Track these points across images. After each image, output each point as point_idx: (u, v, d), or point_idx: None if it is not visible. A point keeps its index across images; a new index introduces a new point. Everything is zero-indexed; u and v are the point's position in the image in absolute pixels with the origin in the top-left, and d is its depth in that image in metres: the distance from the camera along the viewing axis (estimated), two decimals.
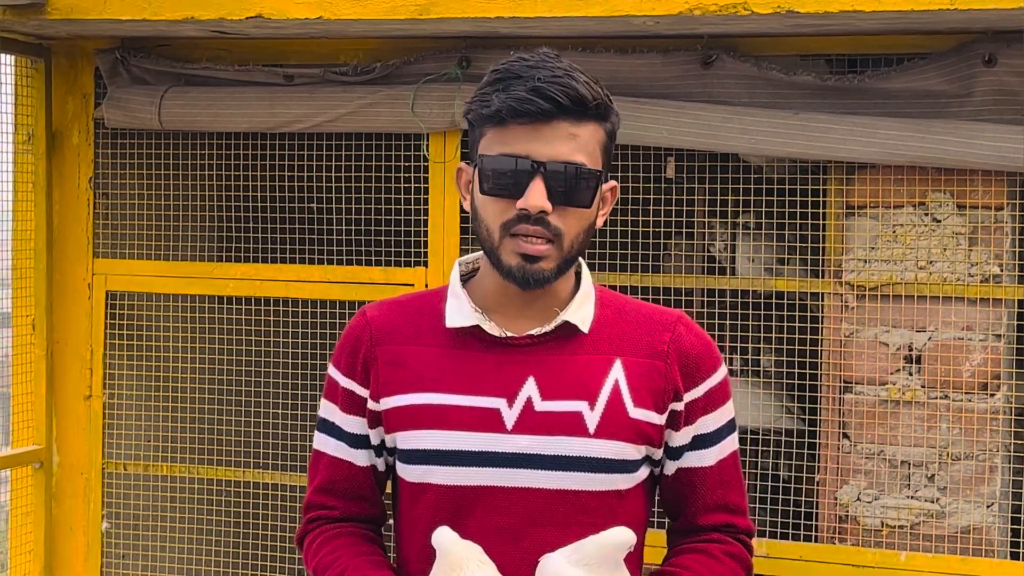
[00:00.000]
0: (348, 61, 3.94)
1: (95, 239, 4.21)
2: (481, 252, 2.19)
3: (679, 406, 2.17)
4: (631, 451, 2.12)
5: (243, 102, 3.98)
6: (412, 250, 3.98)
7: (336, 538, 2.21)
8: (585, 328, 2.15)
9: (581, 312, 2.15)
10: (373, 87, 3.88)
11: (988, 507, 3.50)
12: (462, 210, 3.82)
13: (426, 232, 3.87)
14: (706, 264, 4.26)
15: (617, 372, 2.13)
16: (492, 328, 2.13)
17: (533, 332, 2.13)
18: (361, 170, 4.07)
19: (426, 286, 3.83)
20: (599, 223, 2.15)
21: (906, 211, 3.57)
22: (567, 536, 2.08)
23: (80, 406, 4.23)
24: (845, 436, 3.61)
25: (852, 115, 3.53)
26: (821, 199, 3.64)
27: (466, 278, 2.22)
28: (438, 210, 3.82)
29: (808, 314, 3.73)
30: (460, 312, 2.15)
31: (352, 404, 2.21)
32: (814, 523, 3.65)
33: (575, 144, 2.04)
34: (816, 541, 3.63)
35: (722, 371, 2.21)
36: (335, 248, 4.10)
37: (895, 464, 3.57)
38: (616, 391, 2.11)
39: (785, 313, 3.69)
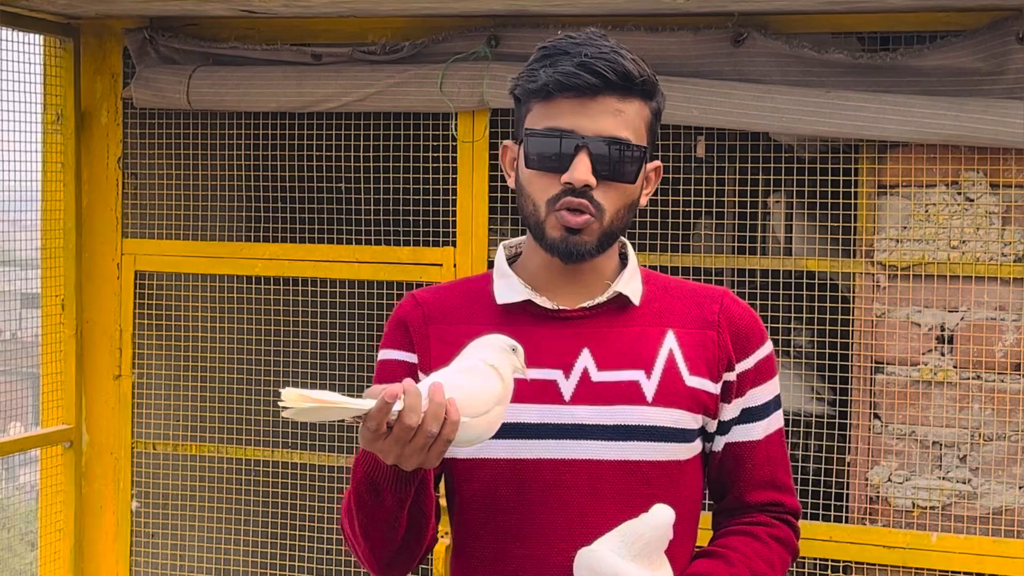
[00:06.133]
0: (376, 40, 3.93)
1: (124, 219, 4.22)
2: (523, 237, 2.19)
3: (731, 376, 2.17)
4: (688, 419, 2.11)
5: (271, 82, 3.97)
6: (440, 230, 3.97)
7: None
8: (636, 300, 2.15)
9: (631, 285, 2.16)
10: (401, 66, 3.87)
11: (1020, 488, 3.48)
12: (490, 190, 3.81)
13: (454, 212, 3.87)
14: (736, 244, 4.24)
15: (671, 342, 2.12)
16: (544, 302, 2.13)
17: (585, 304, 2.13)
18: (389, 150, 4.06)
19: (454, 266, 3.82)
20: (643, 202, 2.15)
21: (939, 190, 3.54)
22: (630, 510, 2.05)
23: (109, 386, 4.24)
24: (876, 417, 3.59)
25: (884, 93, 3.51)
26: (853, 178, 3.62)
27: (510, 261, 2.22)
28: (466, 190, 3.81)
29: (839, 294, 3.71)
30: (510, 288, 2.15)
31: (404, 372, 2.15)
32: (845, 504, 3.64)
33: (621, 120, 2.05)
34: (847, 522, 3.61)
35: (769, 345, 2.21)
36: (363, 228, 4.09)
37: (926, 445, 3.55)
38: (671, 359, 2.11)
39: (816, 293, 3.67)
